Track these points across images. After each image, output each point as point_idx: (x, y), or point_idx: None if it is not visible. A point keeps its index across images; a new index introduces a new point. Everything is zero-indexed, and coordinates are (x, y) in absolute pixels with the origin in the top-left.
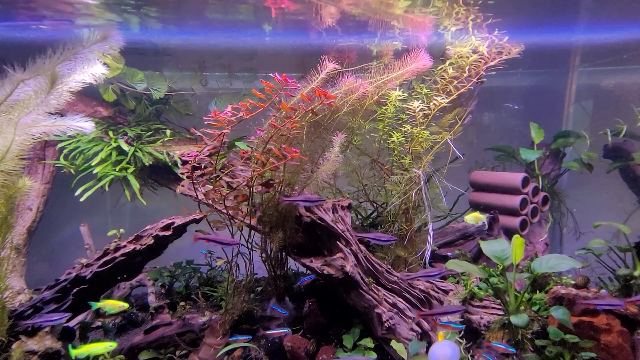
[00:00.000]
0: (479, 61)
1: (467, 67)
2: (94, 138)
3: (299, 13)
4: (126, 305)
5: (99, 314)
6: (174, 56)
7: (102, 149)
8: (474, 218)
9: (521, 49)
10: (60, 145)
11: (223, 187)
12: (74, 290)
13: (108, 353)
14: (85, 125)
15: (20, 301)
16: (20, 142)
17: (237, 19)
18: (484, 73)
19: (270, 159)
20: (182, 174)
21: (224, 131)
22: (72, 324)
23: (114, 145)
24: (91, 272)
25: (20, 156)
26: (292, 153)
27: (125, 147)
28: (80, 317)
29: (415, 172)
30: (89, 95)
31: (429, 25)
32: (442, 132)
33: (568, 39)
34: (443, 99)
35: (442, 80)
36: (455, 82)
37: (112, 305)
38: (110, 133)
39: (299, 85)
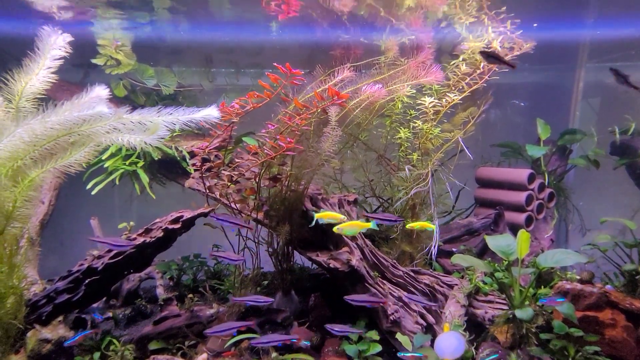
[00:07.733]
0: None
1: (482, 65)
2: None
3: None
4: None
5: (109, 305)
6: (182, 52)
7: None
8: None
9: (533, 44)
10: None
11: (230, 180)
12: (86, 281)
13: (119, 341)
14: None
15: (35, 291)
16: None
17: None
18: (497, 70)
19: (266, 151)
20: (193, 165)
21: (233, 121)
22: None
23: None
24: (102, 263)
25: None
26: (287, 143)
27: None
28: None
29: (425, 170)
30: None
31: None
32: (454, 130)
33: (576, 35)
34: (456, 95)
35: (455, 76)
36: (468, 79)
37: None
38: None
39: (305, 79)
